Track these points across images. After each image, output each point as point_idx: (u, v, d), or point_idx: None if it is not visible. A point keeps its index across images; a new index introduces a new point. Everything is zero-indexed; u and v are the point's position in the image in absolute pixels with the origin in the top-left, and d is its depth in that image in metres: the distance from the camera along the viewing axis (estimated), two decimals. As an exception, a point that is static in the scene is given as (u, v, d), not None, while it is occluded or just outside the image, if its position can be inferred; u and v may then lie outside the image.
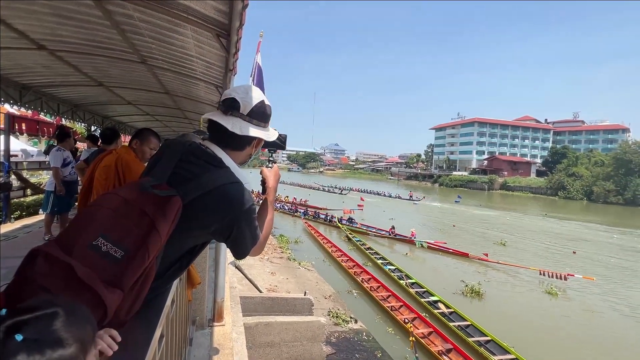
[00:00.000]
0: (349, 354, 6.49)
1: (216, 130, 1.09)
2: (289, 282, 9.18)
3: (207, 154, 1.06)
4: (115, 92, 5.60)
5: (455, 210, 32.45)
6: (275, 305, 6.10)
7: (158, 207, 0.87)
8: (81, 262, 0.74)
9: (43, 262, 0.73)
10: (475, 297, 10.46)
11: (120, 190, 0.91)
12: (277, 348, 5.08)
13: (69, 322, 0.54)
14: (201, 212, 0.98)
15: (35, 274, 0.72)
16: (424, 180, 79.56)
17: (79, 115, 6.86)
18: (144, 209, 0.85)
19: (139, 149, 2.24)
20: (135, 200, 0.86)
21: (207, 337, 2.46)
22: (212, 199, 0.98)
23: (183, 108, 6.84)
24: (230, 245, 1.07)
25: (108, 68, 4.27)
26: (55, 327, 0.52)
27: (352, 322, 7.70)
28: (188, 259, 1.08)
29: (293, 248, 14.11)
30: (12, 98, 4.81)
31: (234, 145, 1.11)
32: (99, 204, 0.87)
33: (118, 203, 0.86)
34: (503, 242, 18.37)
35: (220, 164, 1.05)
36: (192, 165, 1.02)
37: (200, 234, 1.04)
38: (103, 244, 0.79)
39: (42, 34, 3.13)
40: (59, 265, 0.73)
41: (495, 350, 7.17)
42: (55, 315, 0.53)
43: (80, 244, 0.78)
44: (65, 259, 0.73)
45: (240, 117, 1.09)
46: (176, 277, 1.12)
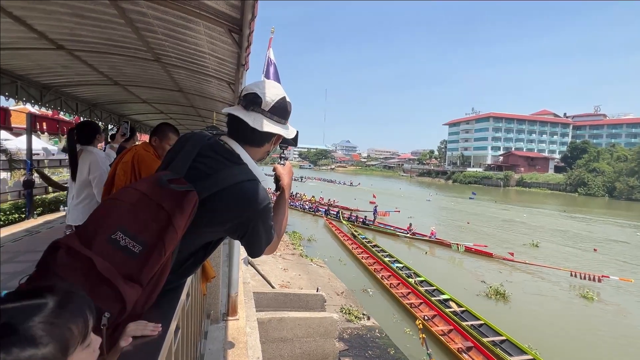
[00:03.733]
0: (361, 350, 6.48)
1: (236, 126, 1.08)
2: (301, 279, 9.22)
3: (225, 150, 1.05)
4: (130, 90, 5.71)
5: (470, 206, 31.83)
6: (287, 301, 6.14)
7: (175, 202, 0.86)
8: (101, 255, 0.75)
9: (64, 255, 0.73)
10: (499, 299, 9.93)
11: (138, 184, 0.91)
12: (290, 343, 5.11)
13: (52, 317, 0.49)
14: (217, 209, 0.97)
15: (56, 267, 0.72)
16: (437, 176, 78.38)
17: (97, 114, 7.02)
18: (161, 204, 0.85)
19: (158, 145, 2.27)
20: (152, 195, 0.86)
21: (222, 331, 2.49)
22: (228, 196, 0.97)
23: (196, 106, 6.92)
24: (244, 244, 1.06)
25: (123, 67, 4.35)
26: (32, 323, 0.47)
27: (365, 319, 7.68)
28: (203, 254, 1.08)
29: (305, 245, 14.16)
30: (34, 98, 4.96)
31: (253, 142, 1.10)
32: (117, 197, 0.87)
33: (136, 197, 0.86)
34: (535, 243, 17.07)
35: (238, 161, 1.04)
36: (210, 161, 1.01)
37: (215, 230, 1.03)
38: (121, 237, 0.79)
39: (61, 34, 3.21)
40: (79, 258, 0.74)
41: (512, 350, 7.02)
42: (40, 308, 0.49)
43: (100, 238, 0.79)
44: (86, 253, 0.74)
45: (261, 113, 1.07)
46: (191, 272, 1.12)
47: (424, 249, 15.69)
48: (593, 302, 10.19)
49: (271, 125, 1.08)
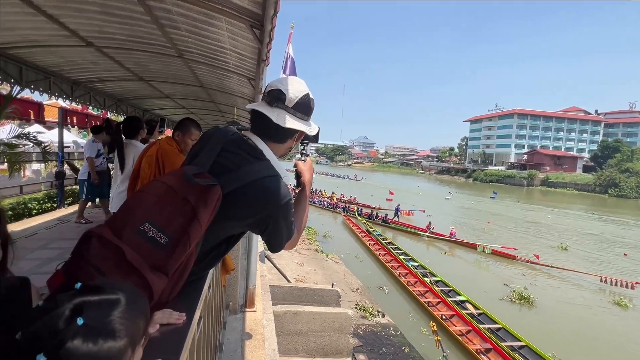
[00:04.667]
0: (375, 347, 6.47)
1: (259, 122, 1.09)
2: (317, 274, 9.28)
3: (248, 145, 1.06)
4: (154, 86, 5.88)
5: (491, 206, 30.90)
6: (303, 295, 6.20)
7: (199, 196, 0.88)
8: (130, 246, 0.78)
9: (97, 244, 0.77)
10: (524, 303, 9.53)
11: (165, 177, 0.94)
12: (304, 337, 5.17)
13: (126, 312, 0.54)
14: (239, 204, 0.98)
15: (89, 255, 0.76)
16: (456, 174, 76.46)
17: (122, 109, 7.28)
18: (187, 197, 0.87)
19: (181, 140, 2.34)
20: (178, 188, 0.89)
21: (240, 322, 2.55)
22: (250, 192, 0.98)
23: (216, 101, 7.04)
24: (265, 239, 1.08)
25: (148, 63, 4.48)
26: (112, 318, 0.52)
27: (380, 316, 7.65)
28: (225, 247, 1.10)
29: (321, 241, 14.22)
30: (65, 93, 5.19)
31: (276, 138, 1.11)
32: (145, 190, 0.91)
33: (163, 190, 0.89)
34: (564, 246, 16.19)
35: (260, 156, 1.05)
36: (234, 156, 1.02)
37: (237, 224, 1.05)
38: (149, 229, 0.82)
39: (91, 32, 3.33)
40: (110, 248, 0.77)
41: (531, 357, 6.79)
42: (117, 303, 0.54)
43: (129, 229, 0.82)
44: (116, 242, 0.77)
45: (285, 109, 1.08)
46: (214, 264, 1.15)
47: (443, 249, 15.39)
48: (627, 310, 9.64)
49: (294, 121, 1.08)
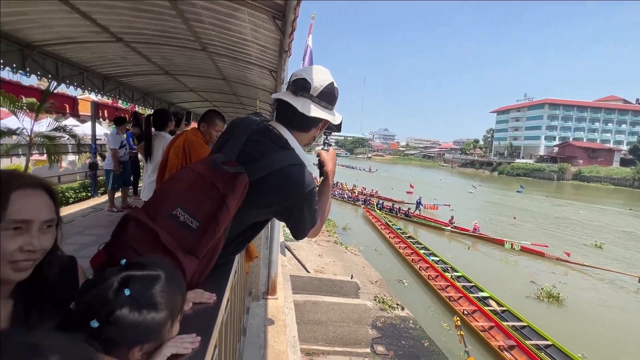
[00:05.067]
0: (394, 339, 6.48)
1: (284, 111, 1.10)
2: (336, 265, 9.35)
3: (273, 135, 1.08)
4: (179, 79, 6.04)
5: (517, 201, 29.72)
6: (322, 285, 6.27)
7: (227, 183, 0.92)
8: (164, 229, 0.83)
9: (134, 227, 0.83)
10: (552, 302, 9.13)
11: (196, 164, 0.99)
12: (323, 326, 5.25)
13: (166, 287, 0.59)
14: (265, 192, 1.01)
15: (127, 237, 0.82)
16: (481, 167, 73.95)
17: (149, 102, 7.55)
18: (215, 184, 0.91)
19: (206, 131, 2.42)
20: (207, 176, 0.93)
21: (262, 308, 2.64)
22: (275, 180, 1.01)
23: (238, 93, 7.15)
24: (289, 226, 1.10)
25: (173, 57, 4.61)
26: (154, 291, 0.58)
27: (399, 309, 7.63)
28: (250, 233, 1.14)
29: (340, 233, 14.27)
30: (97, 87, 5.44)
31: (300, 127, 1.12)
32: (177, 177, 0.96)
33: (193, 177, 0.93)
34: (598, 244, 15.22)
35: (285, 145, 1.07)
36: (259, 145, 1.05)
37: (262, 212, 1.08)
38: (181, 214, 0.87)
39: (120, 27, 3.46)
40: (146, 231, 0.83)
41: (558, 357, 6.56)
42: (158, 279, 0.59)
43: (162, 214, 0.87)
44: (152, 226, 0.82)
45: (310, 99, 1.09)
46: (240, 250, 1.20)
47: (465, 244, 15.02)
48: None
49: (318, 110, 1.09)
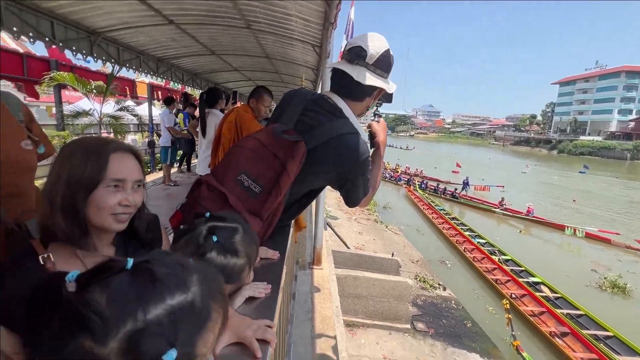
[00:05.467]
0: (435, 318, 6.45)
1: (339, 80, 1.12)
2: (376, 243, 9.39)
3: (329, 104, 1.10)
4: (224, 59, 6.23)
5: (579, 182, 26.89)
6: (362, 261, 6.37)
7: (287, 151, 0.98)
8: (230, 192, 0.92)
9: (205, 189, 0.93)
10: (617, 293, 8.31)
11: (257, 134, 1.06)
12: (364, 300, 5.38)
13: (244, 238, 0.69)
14: (321, 160, 1.05)
15: (200, 198, 0.92)
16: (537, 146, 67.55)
17: (197, 83, 7.92)
18: (276, 153, 0.97)
19: (255, 107, 2.51)
20: (268, 144, 0.99)
21: (308, 277, 2.79)
22: (331, 148, 1.04)
23: (280, 71, 7.23)
24: (343, 194, 1.14)
25: (219, 36, 4.74)
26: (235, 240, 0.68)
27: (440, 289, 7.53)
28: (306, 200, 1.20)
29: (381, 212, 14.18)
30: (152, 70, 5.81)
31: (355, 96, 1.13)
32: (241, 144, 1.04)
33: (255, 145, 1.00)
34: None
35: (340, 114, 1.09)
36: (315, 114, 1.08)
37: (318, 179, 1.12)
38: (245, 179, 0.96)
39: (172, 10, 3.62)
40: (216, 193, 0.93)
41: (621, 349, 6.06)
42: (237, 230, 0.69)
43: (229, 178, 0.97)
44: (221, 188, 0.91)
45: (365, 67, 1.09)
46: (295, 216, 1.27)
47: (517, 227, 14.09)
48: None
49: (374, 78, 1.09)
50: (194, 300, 0.42)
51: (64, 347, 0.37)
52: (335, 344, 2.07)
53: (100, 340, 0.36)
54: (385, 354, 5.07)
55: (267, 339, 0.69)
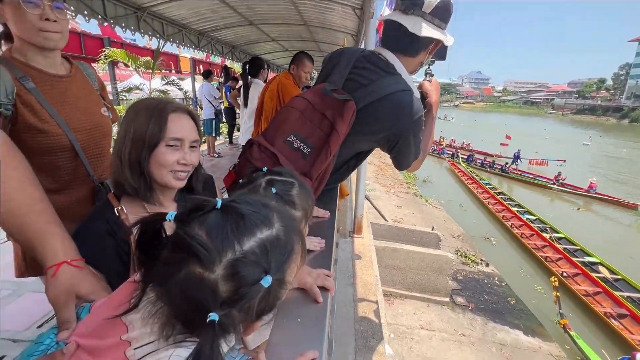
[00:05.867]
0: (476, 293, 6.31)
1: (391, 34, 1.05)
2: (415, 217, 9.21)
3: (380, 60, 1.04)
4: (262, 29, 6.17)
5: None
6: (401, 234, 6.31)
7: (336, 110, 0.95)
8: (280, 152, 0.92)
9: (256, 150, 0.94)
10: None
11: (306, 94, 1.04)
12: (402, 272, 5.39)
13: (300, 192, 0.72)
14: (372, 119, 1.00)
15: (252, 158, 0.94)
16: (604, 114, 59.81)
17: (236, 55, 7.98)
18: (325, 112, 0.95)
19: (295, 73, 2.48)
20: (316, 104, 0.97)
21: (349, 245, 2.84)
22: (383, 106, 0.99)
23: (317, 40, 7.03)
24: (393, 156, 1.10)
25: (257, 6, 4.67)
26: (292, 193, 0.71)
27: (483, 264, 7.29)
28: (354, 162, 1.17)
29: (420, 186, 13.77)
30: (194, 44, 5.94)
31: (409, 50, 1.05)
32: (290, 105, 1.03)
33: (304, 105, 0.99)
34: None
35: (392, 71, 1.02)
36: (366, 72, 1.02)
37: (368, 139, 1.08)
38: (294, 140, 0.95)
39: (210, -22, 3.61)
40: (267, 153, 0.94)
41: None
42: (293, 184, 0.72)
43: (278, 139, 0.97)
44: (272, 149, 0.92)
45: (422, 16, 0.99)
46: (344, 178, 1.27)
47: (575, 204, 12.92)
48: None
49: (431, 29, 0.99)
50: (278, 234, 0.47)
51: (177, 272, 0.42)
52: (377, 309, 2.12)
53: (209, 266, 0.41)
54: (422, 324, 5.12)
55: (327, 287, 0.73)
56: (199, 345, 0.39)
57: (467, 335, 5.14)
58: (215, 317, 0.40)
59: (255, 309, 0.45)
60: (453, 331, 5.16)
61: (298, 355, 0.57)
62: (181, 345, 0.45)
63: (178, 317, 0.45)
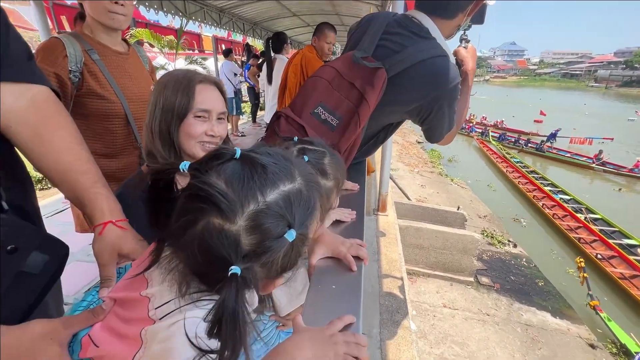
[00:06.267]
0: (501, 273, 6.18)
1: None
2: (439, 196, 9.01)
3: (413, 24, 0.97)
4: (282, 3, 6.01)
5: None
6: (425, 214, 6.22)
7: (365, 79, 0.90)
8: (308, 124, 0.90)
9: (284, 122, 0.92)
10: None
11: (335, 62, 0.99)
12: (425, 251, 5.35)
13: (331, 162, 0.71)
14: (404, 87, 0.95)
15: (280, 130, 0.92)
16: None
17: (257, 32, 7.87)
18: (353, 82, 0.91)
19: (317, 45, 2.39)
20: (345, 73, 0.93)
21: (374, 222, 2.84)
22: (417, 73, 0.93)
23: (340, 13, 6.79)
24: (425, 127, 1.04)
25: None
26: (324, 162, 0.70)
27: (510, 245, 7.08)
28: (383, 135, 1.13)
29: (446, 164, 13.35)
30: (215, 21, 5.90)
31: (445, 12, 0.97)
32: (318, 74, 0.99)
33: (332, 74, 0.94)
34: None
35: (427, 35, 0.95)
36: (398, 37, 0.96)
37: (399, 110, 1.03)
38: (322, 112, 0.93)
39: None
40: (294, 125, 0.92)
41: None
42: (324, 154, 0.71)
43: (306, 111, 0.94)
44: (299, 121, 0.90)
45: None
46: (372, 152, 1.23)
47: (616, 184, 12.09)
48: None
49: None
50: (301, 188, 0.45)
51: (194, 224, 0.40)
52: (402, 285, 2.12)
53: (230, 217, 0.39)
54: (445, 302, 5.11)
55: (361, 256, 0.72)
56: (223, 297, 0.38)
57: (491, 315, 5.09)
58: (237, 270, 0.38)
59: (279, 265, 0.43)
60: (477, 310, 5.12)
61: (336, 318, 0.56)
62: (198, 306, 0.44)
63: (196, 273, 0.43)
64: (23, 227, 0.57)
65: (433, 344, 4.30)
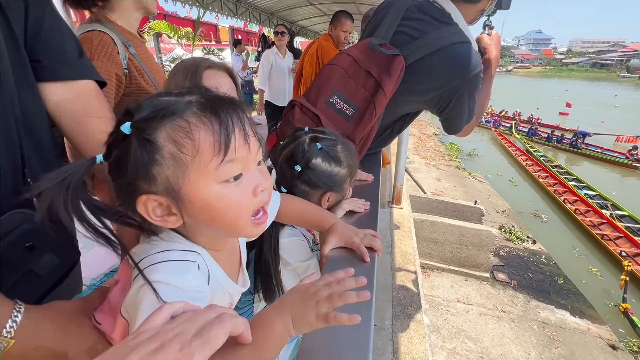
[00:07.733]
0: (519, 270, 6.03)
1: None
2: (456, 190, 8.82)
3: (434, 8, 0.92)
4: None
5: None
6: (441, 207, 6.11)
7: (382, 67, 0.88)
8: (322, 114, 0.88)
9: (298, 111, 0.91)
10: None
11: (351, 49, 0.97)
12: (440, 245, 5.27)
13: (344, 150, 0.72)
14: (424, 74, 0.91)
15: (294, 119, 0.91)
16: (695, 76, 50.76)
17: (273, 22, 7.82)
18: (370, 70, 0.88)
19: (334, 34, 2.35)
20: (361, 61, 0.90)
21: (388, 215, 2.81)
22: (437, 60, 0.89)
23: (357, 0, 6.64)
24: (444, 117, 1.00)
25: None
26: (337, 150, 0.71)
27: (529, 241, 6.88)
28: (400, 126, 1.10)
29: (464, 159, 13.02)
30: (232, 12, 5.89)
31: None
32: (334, 62, 0.96)
33: (348, 63, 0.92)
34: None
35: (448, 20, 0.90)
36: (418, 23, 0.92)
37: (417, 99, 1.00)
38: (337, 101, 0.91)
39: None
40: (309, 115, 0.91)
41: None
42: (337, 142, 0.73)
43: (321, 100, 0.93)
44: (314, 110, 0.88)
45: None
46: (387, 143, 1.20)
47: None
48: None
49: None
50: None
51: None
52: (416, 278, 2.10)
53: None
54: (459, 297, 5.04)
55: (374, 247, 0.70)
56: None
57: (507, 312, 4.99)
58: (126, 128, 0.44)
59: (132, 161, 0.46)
60: (492, 306, 5.04)
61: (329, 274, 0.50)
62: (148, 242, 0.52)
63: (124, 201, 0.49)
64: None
65: (446, 338, 4.26)
